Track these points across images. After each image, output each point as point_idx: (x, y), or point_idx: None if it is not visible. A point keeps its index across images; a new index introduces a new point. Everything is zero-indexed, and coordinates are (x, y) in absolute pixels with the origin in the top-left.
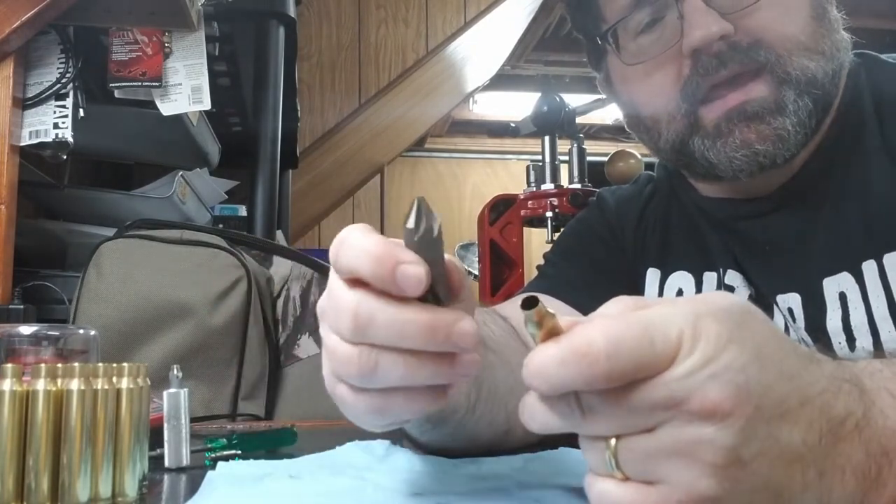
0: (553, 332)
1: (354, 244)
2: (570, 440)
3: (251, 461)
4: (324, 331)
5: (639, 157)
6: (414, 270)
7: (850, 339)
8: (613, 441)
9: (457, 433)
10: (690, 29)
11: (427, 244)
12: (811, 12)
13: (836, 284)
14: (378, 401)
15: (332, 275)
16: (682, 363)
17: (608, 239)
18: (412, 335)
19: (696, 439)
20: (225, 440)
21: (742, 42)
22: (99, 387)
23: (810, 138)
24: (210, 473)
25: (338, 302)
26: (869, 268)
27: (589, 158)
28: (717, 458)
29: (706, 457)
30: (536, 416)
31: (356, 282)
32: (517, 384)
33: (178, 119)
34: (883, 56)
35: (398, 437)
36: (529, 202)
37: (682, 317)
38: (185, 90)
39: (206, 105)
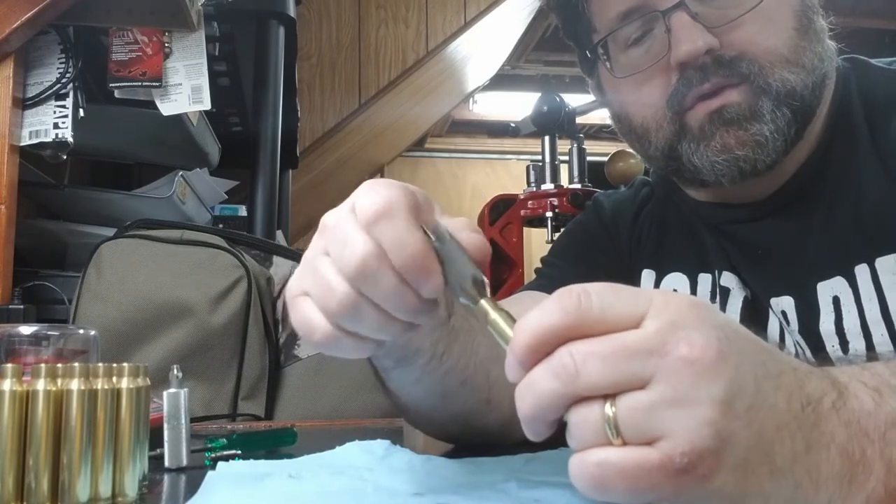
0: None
1: (399, 228)
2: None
3: (251, 461)
4: (315, 245)
5: (639, 157)
6: (433, 285)
7: (843, 343)
8: (610, 408)
9: (423, 381)
10: (677, 43)
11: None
12: (795, 24)
13: (829, 288)
14: (336, 334)
15: (354, 201)
16: (658, 316)
17: (604, 241)
18: (404, 306)
19: (692, 386)
20: (225, 440)
21: (726, 55)
22: (99, 387)
23: (791, 146)
24: (210, 473)
25: (350, 239)
26: (862, 272)
27: (589, 158)
28: (714, 407)
29: (703, 404)
30: (526, 394)
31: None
32: (500, 353)
33: (178, 119)
34: (873, 61)
35: (398, 437)
36: (529, 202)
37: (647, 291)
38: (185, 90)
39: (206, 105)
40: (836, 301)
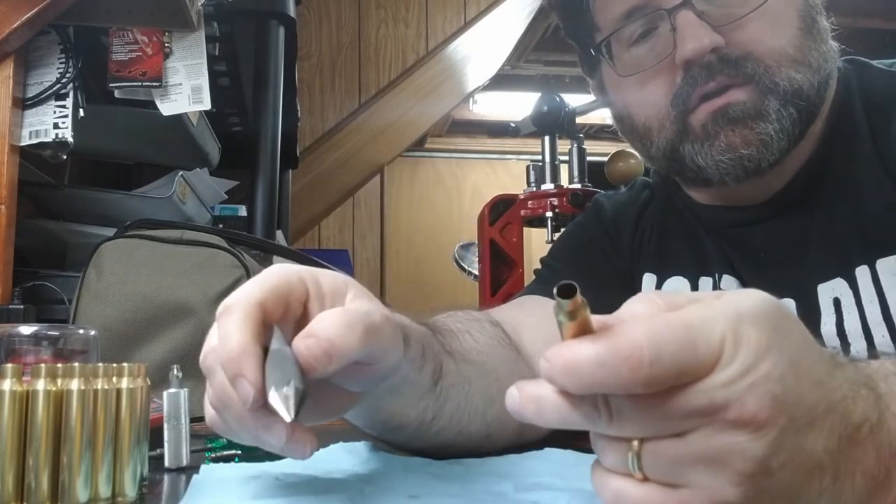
0: (584, 327)
1: (229, 324)
2: (556, 441)
3: (234, 464)
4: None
5: (639, 157)
6: (245, 392)
7: (845, 344)
8: (636, 443)
9: (414, 442)
10: (683, 41)
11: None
12: (800, 24)
13: (830, 290)
14: (216, 419)
15: (230, 305)
16: (723, 370)
17: (605, 243)
18: (232, 409)
19: (728, 448)
20: (225, 440)
21: (732, 54)
22: (99, 387)
23: (794, 146)
24: (195, 477)
25: (211, 337)
26: (862, 273)
27: (589, 158)
28: (746, 467)
29: (736, 465)
30: (547, 412)
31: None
32: (499, 394)
33: (178, 119)
34: (873, 62)
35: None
36: (529, 202)
37: (723, 320)
38: (185, 90)
39: (206, 105)
40: (836, 303)
